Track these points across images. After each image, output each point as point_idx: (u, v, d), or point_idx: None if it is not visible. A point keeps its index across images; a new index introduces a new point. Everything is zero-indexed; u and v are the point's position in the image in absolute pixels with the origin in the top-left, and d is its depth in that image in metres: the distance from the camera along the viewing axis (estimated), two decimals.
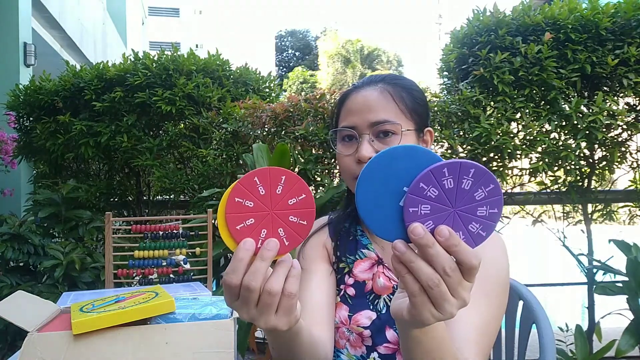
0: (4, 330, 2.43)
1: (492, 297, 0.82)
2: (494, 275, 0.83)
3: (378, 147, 0.86)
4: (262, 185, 0.55)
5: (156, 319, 0.80)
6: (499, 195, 0.50)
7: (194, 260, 2.15)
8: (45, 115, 3.11)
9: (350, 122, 0.89)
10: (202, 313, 0.82)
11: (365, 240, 0.97)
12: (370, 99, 0.88)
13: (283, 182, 0.55)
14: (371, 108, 0.87)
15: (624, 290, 2.23)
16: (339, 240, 0.99)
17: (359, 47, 27.39)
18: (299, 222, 0.56)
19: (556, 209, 2.79)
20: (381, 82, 0.91)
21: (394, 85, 0.90)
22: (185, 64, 2.92)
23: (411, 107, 0.89)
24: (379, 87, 0.89)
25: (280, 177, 0.55)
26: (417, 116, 0.90)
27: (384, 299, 0.90)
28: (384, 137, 0.86)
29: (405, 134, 0.86)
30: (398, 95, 0.88)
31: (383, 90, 0.88)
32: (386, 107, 0.87)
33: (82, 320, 0.76)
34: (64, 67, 3.22)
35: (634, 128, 2.43)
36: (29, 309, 0.83)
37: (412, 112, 0.89)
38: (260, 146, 2.44)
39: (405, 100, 0.88)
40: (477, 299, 0.79)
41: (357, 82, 0.95)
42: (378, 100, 0.87)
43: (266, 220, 0.55)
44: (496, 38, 2.40)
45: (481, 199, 0.51)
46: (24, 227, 2.65)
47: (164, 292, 0.87)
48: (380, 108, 0.87)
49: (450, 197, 0.50)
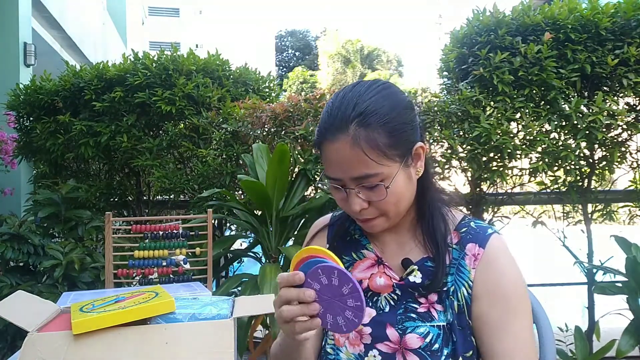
0: (4, 330, 2.43)
1: (519, 312, 0.84)
2: (512, 290, 0.85)
3: (367, 197, 0.84)
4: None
5: (156, 319, 0.80)
6: (357, 292, 0.70)
7: (194, 260, 2.16)
8: (45, 115, 3.11)
9: (334, 174, 0.85)
10: (202, 313, 0.82)
11: (365, 240, 0.97)
12: (344, 154, 0.81)
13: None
14: (348, 164, 0.82)
15: (623, 290, 2.23)
16: (338, 241, 0.99)
17: (359, 47, 27.40)
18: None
19: (556, 209, 2.79)
20: (353, 125, 0.81)
21: (366, 126, 0.80)
22: (185, 64, 2.93)
23: (390, 145, 0.81)
24: (351, 134, 0.80)
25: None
26: (400, 147, 0.83)
27: (384, 297, 0.90)
28: (371, 188, 0.83)
29: (389, 176, 0.82)
30: (371, 141, 0.80)
31: (354, 143, 0.80)
32: (362, 160, 0.81)
33: (82, 320, 0.76)
34: (64, 67, 3.22)
35: (634, 128, 2.43)
36: (29, 309, 0.83)
37: (392, 150, 0.82)
38: (260, 146, 2.44)
39: (379, 142, 0.81)
40: (508, 323, 0.83)
41: (326, 115, 0.86)
42: (352, 155, 0.81)
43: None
44: (496, 38, 2.40)
45: (347, 293, 0.70)
46: (24, 227, 2.64)
47: (164, 292, 0.87)
48: (356, 163, 0.81)
49: (326, 290, 0.72)
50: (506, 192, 2.69)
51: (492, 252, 0.87)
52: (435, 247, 0.88)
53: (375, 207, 0.85)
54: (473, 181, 2.57)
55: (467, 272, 0.87)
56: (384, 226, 0.88)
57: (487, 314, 0.84)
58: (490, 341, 0.83)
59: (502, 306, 0.84)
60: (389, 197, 0.83)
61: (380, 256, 0.94)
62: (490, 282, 0.85)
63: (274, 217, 2.29)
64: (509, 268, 0.87)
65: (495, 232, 0.89)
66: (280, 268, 2.14)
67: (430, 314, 0.86)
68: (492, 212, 2.68)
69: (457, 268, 0.87)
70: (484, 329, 0.84)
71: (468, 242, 0.88)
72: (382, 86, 0.86)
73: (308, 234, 1.07)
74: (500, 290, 0.85)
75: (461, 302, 0.86)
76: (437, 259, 0.87)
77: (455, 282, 0.87)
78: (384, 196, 0.83)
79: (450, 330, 0.85)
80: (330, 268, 0.71)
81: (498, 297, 0.84)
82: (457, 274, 0.87)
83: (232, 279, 2.38)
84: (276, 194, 2.22)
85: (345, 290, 0.71)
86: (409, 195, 0.88)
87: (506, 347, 0.82)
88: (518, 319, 0.84)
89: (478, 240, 0.88)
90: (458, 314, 0.85)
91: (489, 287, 0.85)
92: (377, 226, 0.88)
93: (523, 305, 0.85)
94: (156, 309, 0.80)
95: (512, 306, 0.84)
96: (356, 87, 0.86)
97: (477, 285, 0.86)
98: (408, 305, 0.88)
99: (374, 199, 0.84)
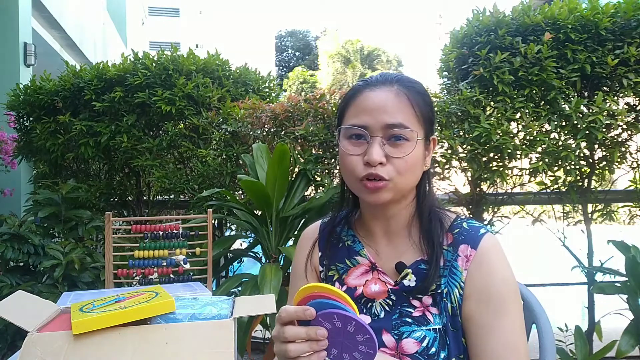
0: (4, 330, 2.43)
1: (508, 312, 0.83)
2: (501, 290, 0.84)
3: (389, 152, 0.83)
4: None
5: (156, 319, 0.80)
6: (373, 342, 0.67)
7: (194, 260, 2.15)
8: (45, 115, 3.11)
9: (362, 121, 0.84)
10: (202, 313, 0.82)
11: (358, 246, 0.95)
12: (387, 99, 0.84)
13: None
14: (387, 109, 0.83)
15: (622, 290, 2.23)
16: (329, 249, 0.98)
17: (359, 47, 27.38)
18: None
19: (556, 209, 2.79)
20: (397, 84, 0.86)
21: (410, 89, 0.86)
22: (184, 64, 2.92)
23: (425, 115, 0.86)
24: (395, 88, 0.85)
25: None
26: (428, 124, 0.88)
27: (379, 303, 0.89)
28: (396, 141, 0.83)
29: (414, 140, 0.83)
30: (415, 100, 0.85)
31: (400, 93, 0.84)
32: (403, 111, 0.83)
33: (82, 320, 0.76)
34: (64, 67, 3.22)
35: (634, 128, 2.43)
36: (29, 309, 0.83)
37: (425, 120, 0.86)
38: (260, 146, 2.44)
39: (420, 106, 0.86)
40: (497, 323, 0.82)
41: (368, 77, 0.90)
42: (395, 103, 0.83)
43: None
44: (496, 38, 2.40)
45: (360, 340, 0.68)
46: (24, 227, 2.64)
47: (164, 292, 0.87)
48: (396, 111, 0.83)
49: (338, 332, 0.68)
50: (506, 192, 2.69)
51: (483, 252, 0.86)
52: (430, 248, 0.87)
53: (391, 166, 0.83)
54: (473, 181, 2.57)
55: (460, 273, 0.86)
56: (387, 195, 0.85)
57: (476, 313, 0.84)
58: (479, 341, 0.83)
59: (491, 306, 0.83)
60: (408, 158, 0.83)
61: (374, 261, 0.93)
62: (480, 282, 0.85)
63: (274, 217, 2.29)
64: (500, 268, 0.86)
65: (487, 232, 0.88)
66: (280, 268, 2.14)
67: (426, 317, 0.85)
68: (492, 212, 2.68)
69: (450, 270, 0.87)
70: (473, 329, 0.84)
71: (460, 244, 0.88)
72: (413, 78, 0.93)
73: (300, 244, 1.04)
74: (490, 289, 0.84)
75: (454, 304, 0.85)
76: (431, 261, 0.86)
77: (448, 284, 0.86)
78: (407, 154, 0.83)
79: (445, 333, 0.84)
80: (347, 318, 0.67)
81: (487, 296, 0.83)
82: (450, 275, 0.86)
83: (232, 279, 2.38)
84: (276, 194, 2.21)
85: (360, 338, 0.68)
86: (418, 173, 0.88)
87: (494, 347, 0.81)
88: (507, 319, 0.82)
89: (470, 242, 0.87)
90: (452, 316, 0.85)
91: (478, 287, 0.84)
92: (383, 190, 0.84)
93: (513, 305, 0.84)
94: (156, 309, 0.80)
95: (501, 306, 0.83)
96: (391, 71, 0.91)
97: (468, 286, 0.85)
98: (403, 310, 0.87)
99: (396, 155, 0.83)
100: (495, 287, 0.84)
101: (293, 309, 0.68)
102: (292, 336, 0.68)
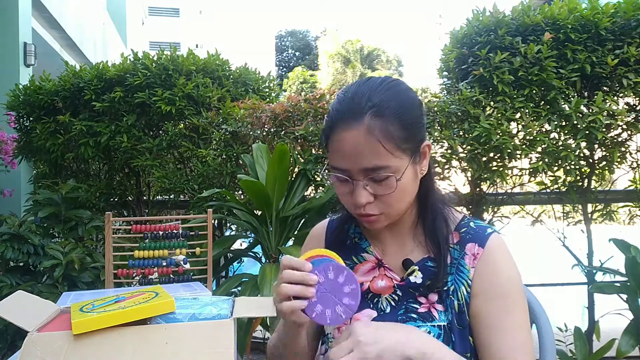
0: (4, 330, 2.43)
1: (515, 310, 0.85)
2: (508, 288, 0.86)
3: (375, 190, 0.83)
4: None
5: (156, 319, 0.80)
6: (356, 294, 0.78)
7: (194, 260, 2.15)
8: (45, 115, 3.11)
9: (342, 165, 0.83)
10: (202, 313, 0.82)
11: (365, 243, 0.97)
12: (357, 144, 0.80)
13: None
14: (361, 153, 0.80)
15: (621, 290, 2.23)
16: (336, 245, 0.97)
17: (359, 47, 27.38)
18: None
19: (556, 209, 2.79)
20: (369, 114, 0.80)
21: (381, 117, 0.80)
22: (184, 64, 2.93)
23: (403, 138, 0.81)
24: (366, 123, 0.79)
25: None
26: (411, 142, 0.83)
27: (385, 298, 0.90)
28: (379, 180, 0.82)
29: (399, 169, 0.82)
30: (385, 131, 0.80)
31: (371, 129, 0.79)
32: (377, 151, 0.80)
33: (82, 320, 0.76)
34: (64, 67, 3.22)
35: (634, 128, 2.43)
36: (29, 309, 0.83)
37: (404, 143, 0.82)
38: (259, 146, 2.44)
39: (394, 134, 0.80)
40: (504, 321, 0.83)
41: (339, 103, 0.85)
42: (367, 145, 0.79)
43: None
44: (496, 38, 2.40)
45: (347, 292, 0.78)
46: (24, 227, 2.65)
47: (164, 292, 0.87)
48: (369, 153, 0.80)
49: (328, 284, 0.78)
50: (506, 192, 2.69)
51: (491, 251, 0.87)
52: (436, 247, 0.88)
53: (380, 202, 0.84)
54: (473, 181, 2.57)
55: (467, 271, 0.87)
56: (383, 224, 0.88)
57: (484, 311, 0.85)
58: (487, 339, 0.84)
59: (498, 303, 0.84)
60: (396, 191, 0.82)
61: (380, 258, 0.94)
62: (487, 280, 0.86)
63: (274, 217, 2.29)
64: (507, 266, 0.87)
65: (494, 232, 0.90)
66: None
67: (431, 314, 0.86)
68: (492, 212, 2.68)
69: (457, 267, 0.88)
70: (480, 326, 0.85)
71: (468, 242, 0.89)
72: (394, 82, 0.87)
73: (307, 241, 1.06)
74: (497, 288, 0.85)
75: (461, 302, 0.86)
76: (438, 259, 0.87)
77: (455, 281, 0.87)
78: (393, 189, 0.82)
79: (450, 330, 0.85)
80: (340, 267, 0.78)
81: (494, 294, 0.85)
82: (457, 273, 0.88)
83: (232, 279, 2.38)
84: (276, 194, 2.22)
85: (346, 289, 0.77)
86: (412, 193, 0.87)
87: (502, 345, 0.82)
88: (514, 317, 0.84)
89: (477, 240, 0.88)
90: (458, 313, 0.86)
91: (486, 285, 0.86)
92: (377, 222, 0.87)
93: (519, 302, 0.86)
94: (156, 309, 0.80)
95: (509, 304, 0.84)
96: (369, 81, 0.86)
97: (476, 284, 0.86)
98: (409, 306, 0.88)
99: (381, 193, 0.83)
100: (503, 286, 0.85)
101: (295, 260, 0.79)
102: (288, 278, 0.78)
